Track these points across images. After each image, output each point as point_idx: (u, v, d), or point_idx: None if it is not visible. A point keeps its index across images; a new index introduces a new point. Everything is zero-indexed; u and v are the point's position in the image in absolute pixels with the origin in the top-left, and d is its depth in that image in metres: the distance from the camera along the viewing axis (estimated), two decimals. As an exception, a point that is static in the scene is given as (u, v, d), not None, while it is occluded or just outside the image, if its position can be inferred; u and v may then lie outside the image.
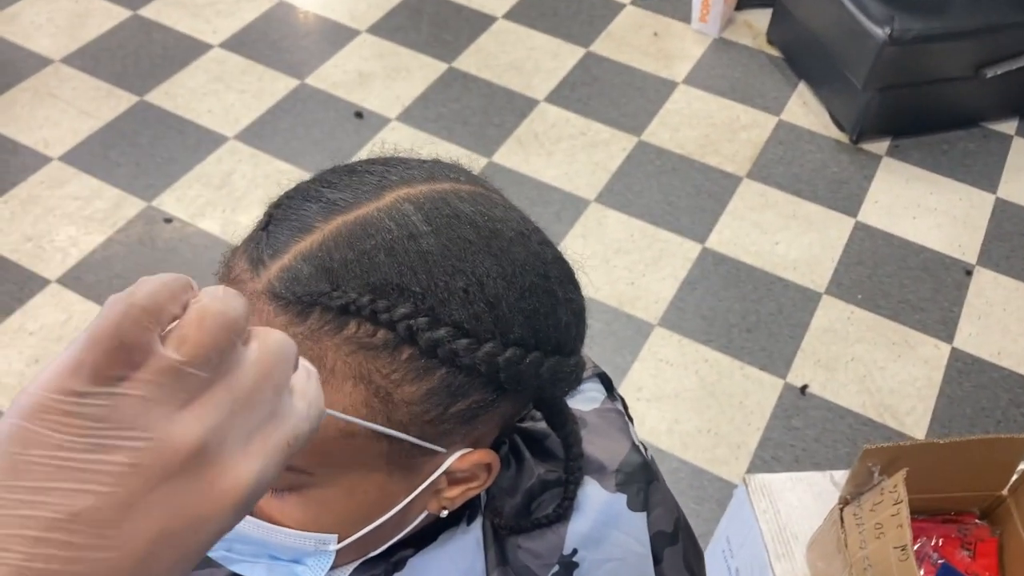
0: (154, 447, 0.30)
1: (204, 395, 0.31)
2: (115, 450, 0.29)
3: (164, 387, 0.30)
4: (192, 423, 0.30)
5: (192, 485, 0.30)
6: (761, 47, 2.84)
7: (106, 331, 0.29)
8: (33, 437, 0.28)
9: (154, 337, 0.30)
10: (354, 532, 0.53)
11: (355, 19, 2.80)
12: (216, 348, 0.31)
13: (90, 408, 0.29)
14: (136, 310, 0.30)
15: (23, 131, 2.38)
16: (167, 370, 0.30)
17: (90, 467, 0.29)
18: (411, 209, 0.49)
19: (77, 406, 0.29)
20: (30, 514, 0.28)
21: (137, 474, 0.29)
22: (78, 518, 0.28)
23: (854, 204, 2.40)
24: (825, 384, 2.01)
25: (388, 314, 0.46)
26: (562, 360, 0.52)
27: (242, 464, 0.32)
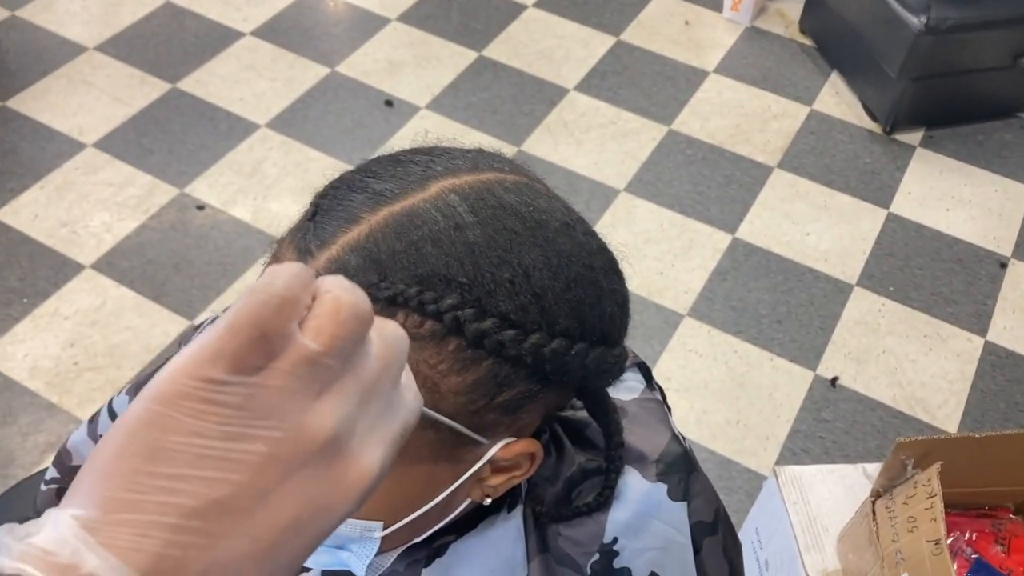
0: (292, 437, 0.30)
1: (336, 386, 0.31)
2: (254, 439, 0.29)
3: (301, 377, 0.30)
4: (326, 413, 0.31)
5: (324, 475, 0.31)
6: (793, 36, 2.81)
7: (248, 320, 0.29)
8: (172, 423, 0.28)
9: (293, 327, 0.30)
10: (399, 519, 0.54)
11: (385, 7, 2.80)
12: (351, 339, 0.31)
13: (230, 397, 0.29)
14: (277, 299, 0.30)
15: (58, 118, 2.41)
16: (305, 360, 0.30)
17: (229, 455, 0.29)
18: (457, 200, 0.49)
19: (217, 394, 0.29)
20: (169, 501, 0.28)
21: (274, 463, 0.29)
22: (216, 506, 0.28)
23: (887, 195, 2.37)
24: (856, 376, 2.00)
25: (435, 305, 0.46)
26: (606, 351, 0.52)
27: (367, 454, 0.32)
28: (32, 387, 1.88)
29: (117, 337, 1.97)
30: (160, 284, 2.07)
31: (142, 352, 1.94)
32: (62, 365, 1.93)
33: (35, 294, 2.04)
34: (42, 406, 1.86)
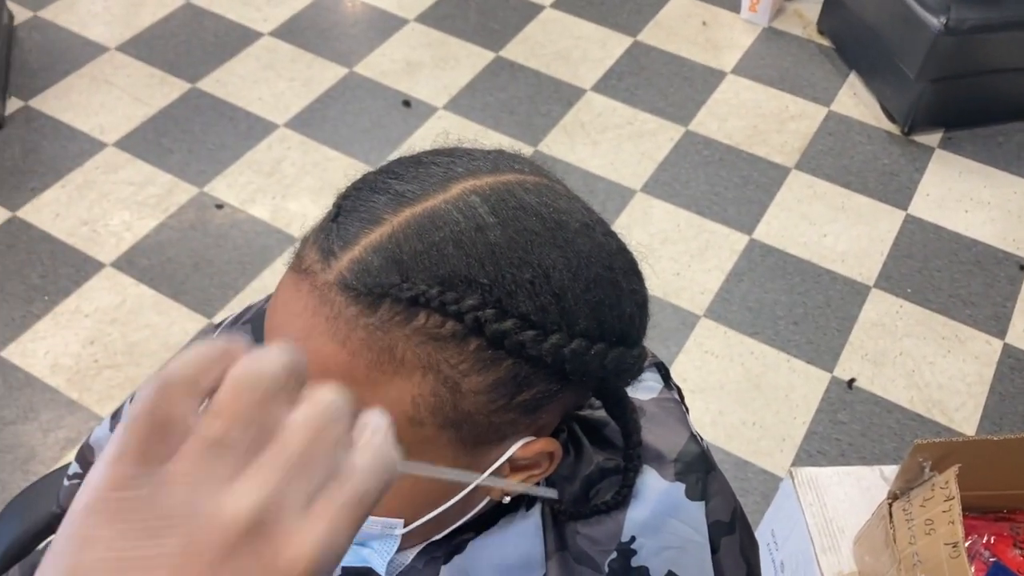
0: (206, 526, 0.28)
1: (252, 464, 0.29)
2: (167, 534, 0.28)
3: (208, 461, 0.29)
4: (242, 496, 0.29)
5: (256, 560, 0.29)
6: (811, 37, 2.80)
7: (141, 413, 0.29)
8: (89, 536, 0.27)
9: (189, 413, 0.29)
10: (420, 517, 0.54)
11: (403, 8, 2.81)
12: (253, 416, 0.30)
13: (137, 494, 0.28)
14: (168, 388, 0.29)
15: (80, 117, 2.43)
16: (207, 442, 0.29)
17: (145, 562, 0.27)
18: (478, 201, 0.49)
19: (125, 495, 0.28)
20: None
21: (194, 558, 0.28)
22: None
23: (905, 197, 2.36)
24: (873, 378, 1.99)
25: (456, 306, 0.47)
26: (626, 351, 0.52)
27: (306, 530, 0.29)
28: (53, 384, 1.90)
29: (136, 335, 1.99)
30: (179, 282, 2.08)
31: (161, 350, 1.96)
32: (82, 362, 1.94)
33: (56, 292, 2.06)
34: (62, 403, 1.88)
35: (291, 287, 0.50)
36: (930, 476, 1.22)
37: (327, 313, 0.48)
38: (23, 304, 2.03)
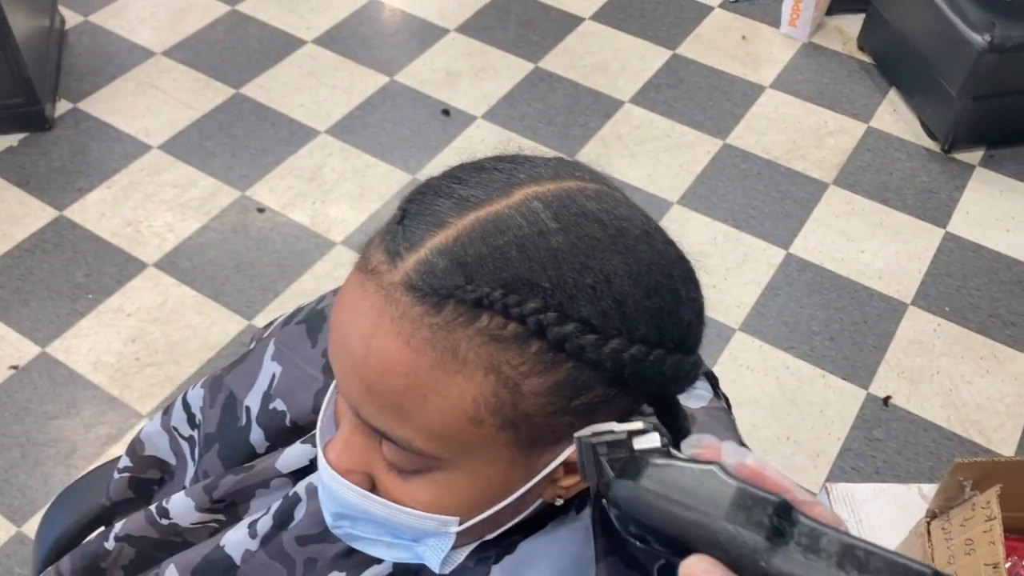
0: None
1: None
2: None
3: None
4: None
5: None
6: (851, 53, 2.79)
7: None
8: None
9: None
10: (474, 516, 0.55)
11: (444, 18, 2.84)
12: None
13: None
14: None
15: (126, 120, 2.48)
16: None
17: None
18: (540, 207, 0.50)
19: None
20: None
21: None
22: None
23: (944, 214, 2.35)
24: (909, 396, 1.98)
25: (519, 308, 0.48)
26: (683, 358, 0.53)
27: None
28: (95, 380, 1.94)
29: (177, 334, 2.02)
30: (220, 284, 2.12)
31: (201, 350, 1.99)
32: (124, 360, 1.98)
33: (100, 290, 2.10)
34: (104, 399, 1.91)
35: (357, 287, 0.52)
36: (970, 496, 1.22)
37: (392, 312, 0.49)
38: (68, 302, 2.07)
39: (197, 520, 0.78)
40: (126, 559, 0.83)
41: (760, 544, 0.41)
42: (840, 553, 0.40)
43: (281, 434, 0.76)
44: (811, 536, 0.41)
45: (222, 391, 0.81)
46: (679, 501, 0.44)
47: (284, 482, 0.74)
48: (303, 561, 0.69)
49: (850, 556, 0.40)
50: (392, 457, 0.53)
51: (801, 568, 0.40)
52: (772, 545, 0.41)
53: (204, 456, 0.82)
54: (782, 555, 0.41)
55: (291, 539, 0.70)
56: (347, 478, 0.56)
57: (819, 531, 0.41)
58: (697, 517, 0.43)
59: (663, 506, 0.44)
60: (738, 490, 0.44)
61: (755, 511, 0.43)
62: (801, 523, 0.42)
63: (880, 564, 0.39)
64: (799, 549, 0.41)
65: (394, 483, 0.54)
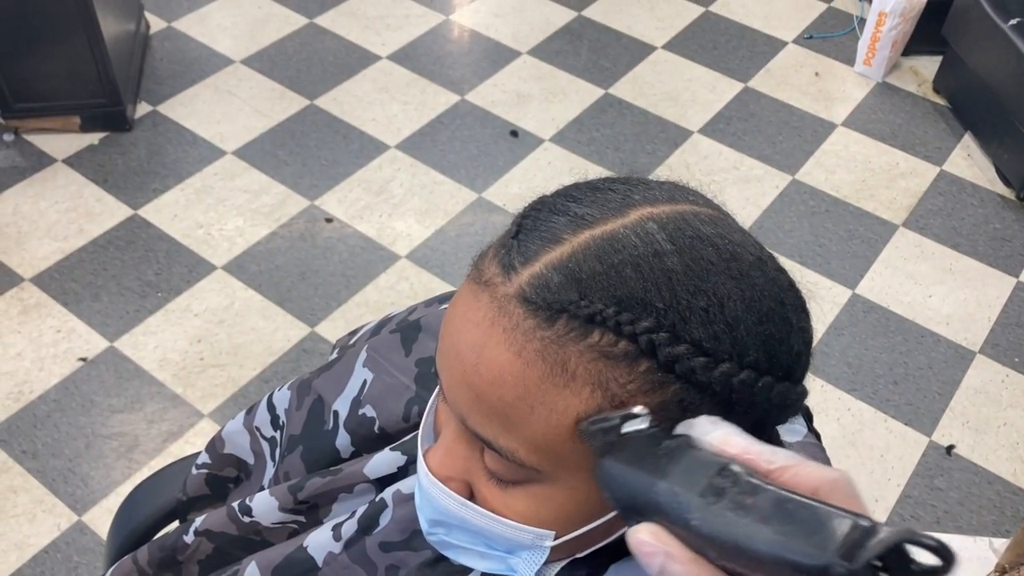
0: None
1: None
2: None
3: None
4: None
5: None
6: (926, 95, 2.76)
7: None
8: None
9: None
10: (570, 531, 0.55)
11: (517, 40, 2.87)
12: None
13: None
14: None
15: (203, 124, 2.54)
16: None
17: None
18: (655, 228, 0.51)
19: None
20: None
21: None
22: None
23: (1016, 263, 2.30)
24: (973, 447, 1.94)
25: (631, 327, 0.48)
26: (791, 387, 0.53)
27: None
28: (160, 377, 1.98)
29: (242, 337, 2.05)
30: (286, 290, 2.15)
31: (264, 354, 2.02)
32: (188, 359, 2.01)
33: (169, 289, 2.14)
34: (167, 396, 1.94)
35: (471, 297, 0.53)
36: (1043, 552, 1.19)
37: (505, 324, 0.50)
38: (137, 299, 2.12)
39: (278, 520, 0.79)
40: (203, 554, 0.84)
41: (694, 502, 0.41)
42: (769, 508, 0.39)
43: (368, 440, 0.76)
44: (747, 494, 0.40)
45: (310, 394, 0.82)
46: (636, 471, 0.45)
47: (367, 488, 0.75)
48: (385, 567, 0.70)
49: (780, 511, 0.39)
50: (494, 466, 0.54)
51: (723, 523, 0.40)
52: (705, 503, 0.41)
53: (286, 457, 0.83)
54: (711, 512, 0.40)
55: (374, 544, 0.70)
56: (447, 485, 0.56)
57: (759, 489, 0.40)
58: (644, 483, 0.44)
59: (626, 478, 0.45)
60: (691, 455, 0.44)
61: (698, 473, 0.42)
62: (743, 483, 0.41)
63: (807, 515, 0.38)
64: (729, 506, 0.40)
65: (493, 493, 0.55)
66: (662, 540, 0.42)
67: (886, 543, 0.35)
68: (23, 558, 1.70)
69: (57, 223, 2.26)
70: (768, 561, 0.38)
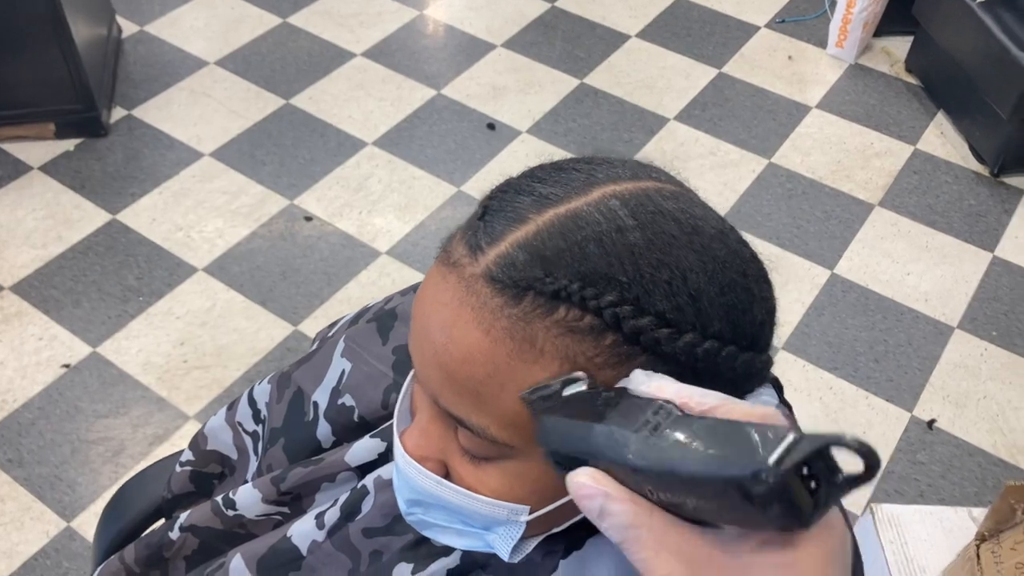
0: None
1: None
2: None
3: None
4: None
5: None
6: (899, 74, 2.79)
7: None
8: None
9: None
10: (545, 505, 0.56)
11: (491, 33, 2.87)
12: None
13: None
14: None
15: (179, 127, 2.53)
16: None
17: None
18: (618, 204, 0.52)
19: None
20: None
21: None
22: None
23: (992, 238, 2.33)
24: (954, 420, 1.96)
25: (596, 301, 0.49)
26: (755, 356, 0.54)
27: None
28: (144, 381, 1.97)
29: (225, 338, 2.05)
30: (267, 290, 2.15)
31: (248, 354, 2.02)
32: (172, 362, 2.01)
33: (150, 293, 2.14)
34: (152, 400, 1.94)
35: (439, 279, 0.53)
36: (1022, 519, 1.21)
37: (473, 303, 0.51)
38: (119, 303, 2.11)
39: (263, 512, 0.79)
40: (189, 549, 0.85)
41: (630, 438, 0.42)
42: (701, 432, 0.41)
43: (349, 429, 0.77)
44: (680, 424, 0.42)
45: (290, 386, 0.83)
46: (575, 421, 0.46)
47: (349, 476, 0.76)
48: (369, 553, 0.70)
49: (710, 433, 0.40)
50: (467, 444, 0.55)
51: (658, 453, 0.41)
52: (641, 437, 0.42)
53: (269, 450, 0.83)
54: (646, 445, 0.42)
55: (357, 531, 0.71)
56: (423, 465, 0.57)
57: (691, 419, 0.42)
58: (582, 430, 0.45)
59: (564, 428, 0.47)
60: (627, 400, 0.46)
61: (634, 414, 0.44)
62: (675, 415, 0.43)
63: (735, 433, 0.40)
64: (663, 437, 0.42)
65: (467, 470, 0.56)
66: (600, 482, 0.43)
67: (813, 444, 0.37)
68: (12, 566, 1.70)
69: (35, 231, 2.26)
70: (702, 480, 0.39)
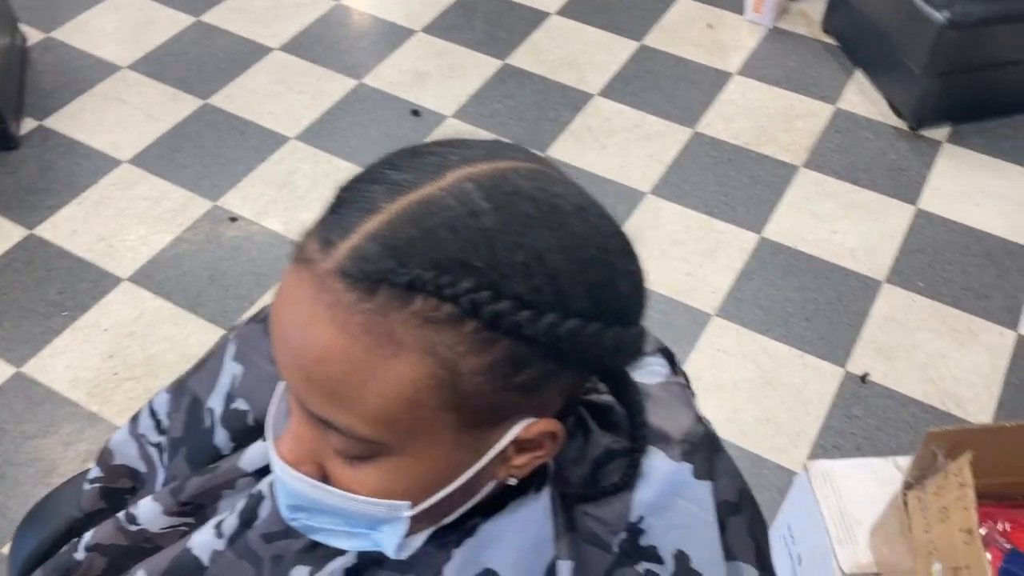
0: None
1: None
2: None
3: None
4: None
5: None
6: (816, 36, 2.81)
7: None
8: None
9: None
10: (426, 499, 0.55)
11: (410, 19, 2.84)
12: None
13: None
14: None
15: (94, 135, 2.47)
16: None
17: None
18: (472, 187, 0.50)
19: None
20: None
21: None
22: None
23: (914, 191, 2.37)
24: (886, 373, 1.99)
25: (452, 289, 0.48)
26: (623, 330, 0.53)
27: None
28: (73, 398, 1.93)
29: (155, 347, 2.01)
30: (195, 295, 2.11)
31: (179, 361, 1.98)
32: (102, 375, 1.97)
33: (75, 307, 2.09)
34: (83, 416, 1.90)
35: (294, 277, 0.52)
36: (944, 464, 1.23)
37: (327, 300, 0.49)
38: (42, 320, 2.06)
39: (167, 525, 0.78)
40: (97, 569, 0.82)
41: None
42: None
43: (244, 434, 0.76)
44: None
45: (186, 395, 0.81)
46: None
47: (250, 481, 0.74)
48: (270, 558, 0.69)
49: None
50: (338, 445, 0.53)
51: None
52: None
53: (172, 461, 0.82)
54: None
55: (257, 537, 0.70)
56: (299, 470, 0.56)
57: None
58: None
59: None
60: None
61: None
62: None
63: None
64: None
65: (343, 471, 0.54)
66: None
67: None
68: (-54, 597, 1.65)
69: (-51, 252, 2.19)
70: None
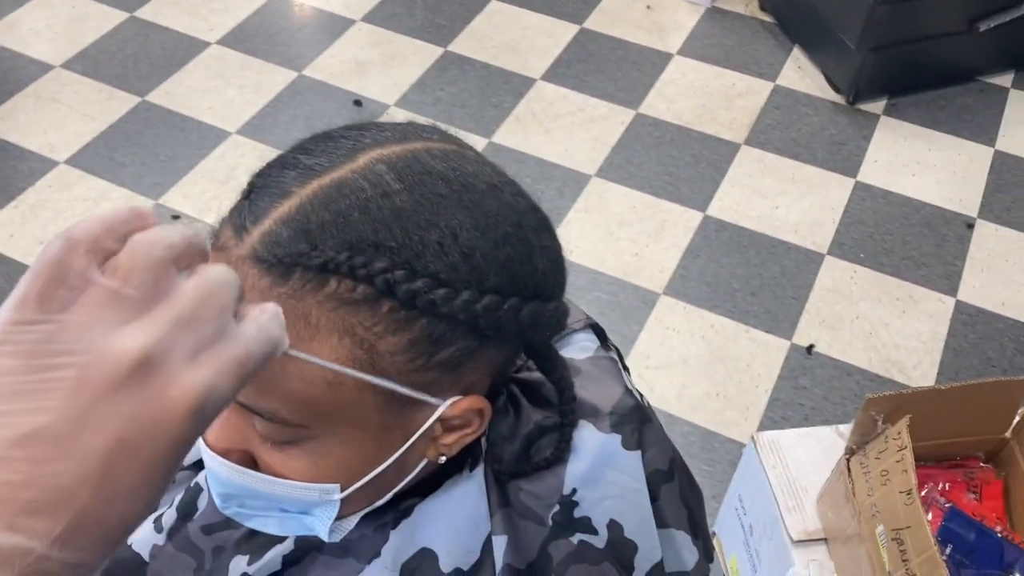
0: (98, 360, 0.33)
1: (145, 315, 0.35)
2: (61, 368, 0.32)
3: (103, 309, 0.34)
4: (132, 337, 0.34)
5: (140, 393, 0.34)
6: (754, 14, 2.84)
7: (45, 263, 0.34)
8: None
9: (91, 266, 0.34)
10: (355, 481, 0.55)
11: (349, 8, 2.82)
12: (148, 271, 0.35)
13: (35, 334, 0.33)
14: (73, 243, 0.34)
15: (28, 137, 2.41)
16: (103, 294, 0.34)
17: (41, 387, 0.32)
18: (384, 169, 0.50)
19: (24, 334, 0.32)
20: None
21: (84, 388, 0.33)
22: (36, 434, 0.32)
23: (853, 165, 2.41)
24: (831, 343, 2.03)
25: (366, 269, 0.48)
26: (541, 305, 0.54)
27: (190, 374, 0.35)
28: (17, 404, 1.89)
29: (99, 350, 1.98)
30: (139, 295, 2.08)
31: (125, 363, 1.96)
32: (46, 381, 1.93)
33: (15, 312, 2.04)
34: (29, 422, 1.87)
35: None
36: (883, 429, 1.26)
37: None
38: (-18, 327, 2.02)
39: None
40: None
41: None
42: None
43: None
44: None
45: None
46: None
47: (188, 475, 0.74)
48: (211, 550, 0.69)
49: None
50: (264, 430, 0.53)
51: None
52: None
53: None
54: None
55: (196, 529, 0.69)
56: (227, 457, 0.56)
57: None
58: None
59: None
60: None
61: None
62: None
63: None
64: None
65: (271, 456, 0.54)
66: None
67: None
68: None
69: None
70: None
